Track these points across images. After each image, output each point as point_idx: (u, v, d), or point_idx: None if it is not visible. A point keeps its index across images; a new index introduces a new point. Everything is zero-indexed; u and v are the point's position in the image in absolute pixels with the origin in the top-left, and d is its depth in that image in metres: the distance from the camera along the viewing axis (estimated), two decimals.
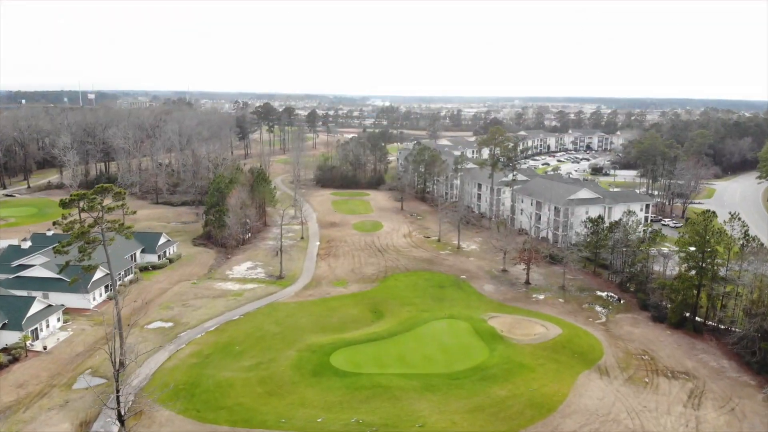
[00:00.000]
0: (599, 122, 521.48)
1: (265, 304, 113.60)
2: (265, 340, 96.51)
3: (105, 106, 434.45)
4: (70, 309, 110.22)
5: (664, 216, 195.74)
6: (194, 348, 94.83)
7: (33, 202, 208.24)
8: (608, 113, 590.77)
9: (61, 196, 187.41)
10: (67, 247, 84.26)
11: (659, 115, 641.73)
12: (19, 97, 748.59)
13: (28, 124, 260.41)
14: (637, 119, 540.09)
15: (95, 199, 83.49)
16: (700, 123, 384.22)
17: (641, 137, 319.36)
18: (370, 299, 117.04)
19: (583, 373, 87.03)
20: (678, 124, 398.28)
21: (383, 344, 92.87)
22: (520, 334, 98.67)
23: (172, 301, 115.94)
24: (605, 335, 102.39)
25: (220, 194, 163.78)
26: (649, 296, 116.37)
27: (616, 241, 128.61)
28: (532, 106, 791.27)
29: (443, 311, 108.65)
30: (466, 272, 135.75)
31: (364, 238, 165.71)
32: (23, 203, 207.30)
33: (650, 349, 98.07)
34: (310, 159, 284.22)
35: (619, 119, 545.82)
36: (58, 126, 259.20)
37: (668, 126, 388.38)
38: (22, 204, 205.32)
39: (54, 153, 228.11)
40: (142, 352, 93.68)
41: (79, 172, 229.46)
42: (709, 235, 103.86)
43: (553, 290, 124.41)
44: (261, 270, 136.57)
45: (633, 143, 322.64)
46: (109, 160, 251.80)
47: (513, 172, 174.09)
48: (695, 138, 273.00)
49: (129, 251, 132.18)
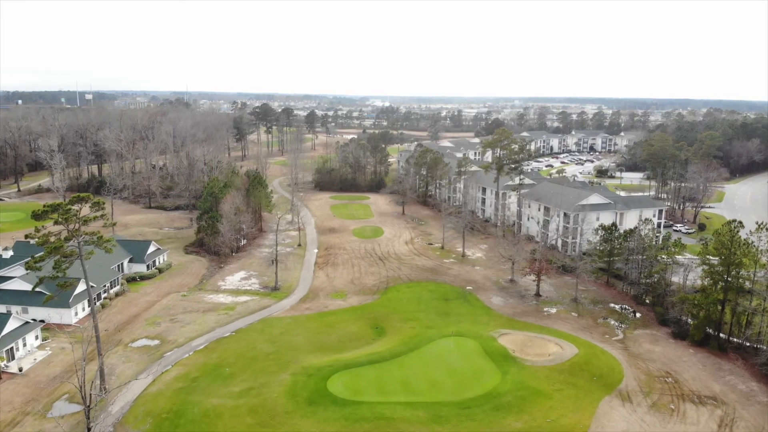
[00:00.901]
0: (602, 123, 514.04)
1: (259, 320, 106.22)
2: (257, 361, 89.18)
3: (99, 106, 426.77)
4: (50, 324, 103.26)
5: (675, 221, 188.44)
6: (181, 370, 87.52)
7: (22, 207, 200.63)
8: (610, 114, 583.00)
9: (51, 200, 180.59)
10: (40, 263, 77.07)
11: (662, 115, 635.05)
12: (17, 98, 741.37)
13: (19, 125, 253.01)
14: (640, 120, 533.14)
15: (70, 210, 76.18)
16: (706, 124, 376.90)
17: (647, 138, 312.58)
18: (371, 314, 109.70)
19: (603, 400, 79.81)
20: (683, 125, 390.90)
21: (385, 367, 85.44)
22: (533, 355, 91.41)
23: (159, 315, 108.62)
24: (624, 354, 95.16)
25: (214, 199, 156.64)
26: (667, 310, 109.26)
27: (631, 250, 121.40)
28: (533, 106, 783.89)
29: (449, 328, 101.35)
30: (472, 283, 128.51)
31: (365, 245, 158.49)
32: (11, 207, 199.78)
33: (673, 370, 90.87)
34: (308, 161, 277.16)
35: (622, 120, 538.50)
36: (49, 127, 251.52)
37: (674, 127, 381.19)
38: (10, 208, 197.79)
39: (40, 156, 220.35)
40: (124, 374, 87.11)
41: (67, 176, 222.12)
42: (735, 246, 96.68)
43: (565, 303, 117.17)
44: (255, 280, 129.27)
45: (639, 145, 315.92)
46: (101, 162, 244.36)
47: (520, 176, 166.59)
48: (704, 140, 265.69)
49: (116, 261, 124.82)
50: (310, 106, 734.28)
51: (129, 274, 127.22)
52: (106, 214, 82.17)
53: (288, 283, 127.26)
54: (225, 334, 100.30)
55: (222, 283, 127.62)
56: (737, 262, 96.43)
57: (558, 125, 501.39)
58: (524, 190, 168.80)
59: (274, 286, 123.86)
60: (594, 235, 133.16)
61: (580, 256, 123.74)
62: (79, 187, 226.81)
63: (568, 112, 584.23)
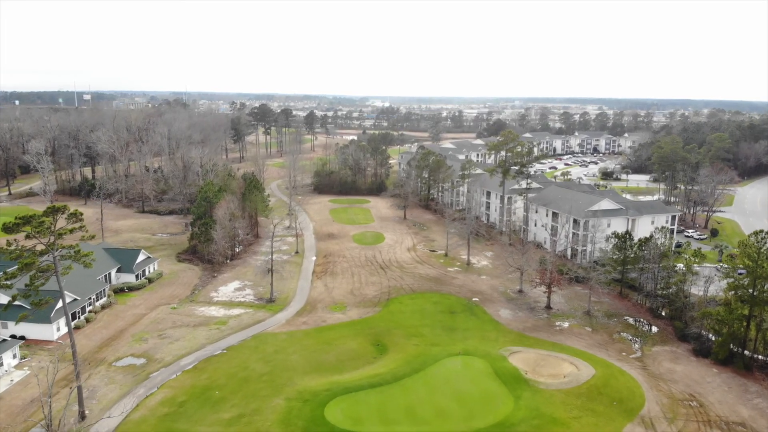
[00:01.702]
0: (605, 124, 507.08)
1: (252, 336, 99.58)
2: (249, 383, 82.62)
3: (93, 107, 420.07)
4: (30, 341, 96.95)
5: (686, 227, 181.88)
6: (167, 393, 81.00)
7: (11, 211, 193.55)
8: (612, 114, 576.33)
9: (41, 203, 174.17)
10: (11, 280, 70.62)
11: (665, 116, 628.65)
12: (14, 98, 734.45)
13: (10, 127, 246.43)
14: (643, 121, 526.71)
15: (43, 223, 69.68)
16: (712, 125, 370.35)
17: (653, 140, 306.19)
18: (372, 329, 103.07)
19: (626, 428, 73.34)
20: (689, 126, 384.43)
21: (388, 391, 78.78)
22: (547, 376, 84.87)
23: (147, 330, 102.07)
24: (644, 375, 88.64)
25: (208, 204, 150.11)
26: (687, 325, 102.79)
27: (647, 259, 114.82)
28: (534, 106, 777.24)
29: (456, 345, 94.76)
30: (479, 294, 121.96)
31: (365, 252, 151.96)
32: (0, 212, 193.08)
33: (697, 392, 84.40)
34: (307, 162, 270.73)
35: (625, 120, 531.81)
36: (40, 129, 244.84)
37: (679, 128, 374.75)
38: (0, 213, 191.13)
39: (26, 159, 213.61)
40: (106, 397, 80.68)
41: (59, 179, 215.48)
42: (762, 259, 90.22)
43: (577, 316, 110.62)
44: (250, 291, 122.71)
45: (644, 146, 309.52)
46: (94, 165, 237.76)
47: (527, 179, 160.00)
48: (713, 142, 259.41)
49: (103, 271, 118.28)
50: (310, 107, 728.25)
51: (117, 284, 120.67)
52: (84, 226, 75.72)
53: (284, 294, 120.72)
54: (216, 351, 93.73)
55: (215, 294, 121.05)
56: (765, 275, 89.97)
57: (560, 126, 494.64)
58: (531, 194, 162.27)
59: (270, 297, 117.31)
60: (606, 242, 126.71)
61: (593, 265, 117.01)
62: (71, 191, 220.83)
63: (570, 112, 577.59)
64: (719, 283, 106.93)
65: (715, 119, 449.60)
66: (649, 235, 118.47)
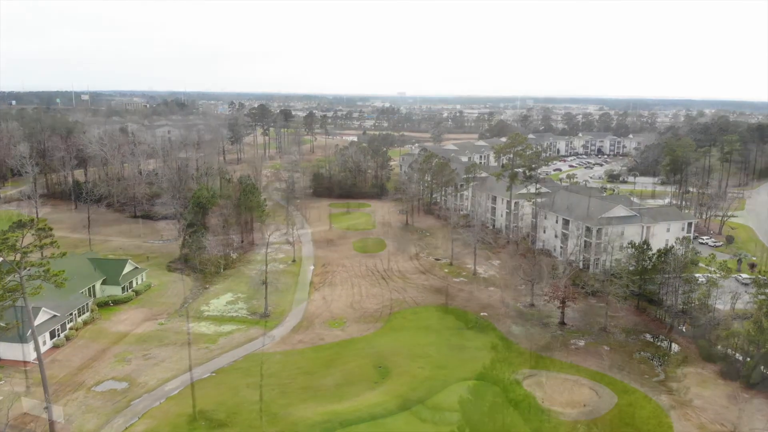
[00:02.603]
0: (609, 124, 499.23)
1: (244, 356, 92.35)
2: (239, 413, 75.31)
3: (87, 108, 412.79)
4: (4, 361, 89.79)
5: (700, 233, 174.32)
6: (149, 424, 73.75)
7: None
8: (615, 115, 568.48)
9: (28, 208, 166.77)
10: None
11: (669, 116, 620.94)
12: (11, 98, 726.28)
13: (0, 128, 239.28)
14: (647, 121, 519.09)
15: (7, 240, 62.45)
16: (720, 126, 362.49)
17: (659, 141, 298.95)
18: (373, 348, 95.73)
19: None
20: (696, 127, 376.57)
21: (391, 424, 71.43)
22: (565, 404, 77.55)
23: (131, 350, 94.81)
24: (670, 401, 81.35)
25: (201, 210, 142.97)
26: (712, 344, 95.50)
27: (667, 271, 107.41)
28: (535, 107, 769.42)
29: (465, 367, 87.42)
30: (487, 307, 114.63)
31: (366, 261, 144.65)
32: None
33: (730, 422, 77.10)
34: (306, 164, 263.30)
35: (629, 121, 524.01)
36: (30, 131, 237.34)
37: (686, 129, 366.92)
38: None
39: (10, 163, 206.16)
40: (82, 428, 73.43)
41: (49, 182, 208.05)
42: None
43: (593, 333, 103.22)
44: (242, 305, 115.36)
45: (650, 148, 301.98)
46: (86, 167, 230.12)
47: (536, 184, 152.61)
48: (723, 143, 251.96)
49: (86, 284, 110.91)
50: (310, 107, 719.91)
51: (101, 297, 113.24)
52: (55, 241, 68.48)
53: (280, 308, 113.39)
54: (204, 374, 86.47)
55: (205, 307, 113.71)
56: None
57: (563, 127, 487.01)
58: (540, 199, 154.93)
59: (264, 312, 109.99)
60: (620, 252, 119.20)
61: (609, 278, 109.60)
62: (61, 194, 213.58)
63: (573, 113, 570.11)
64: (745, 297, 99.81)
65: (723, 120, 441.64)
66: (665, 243, 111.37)
